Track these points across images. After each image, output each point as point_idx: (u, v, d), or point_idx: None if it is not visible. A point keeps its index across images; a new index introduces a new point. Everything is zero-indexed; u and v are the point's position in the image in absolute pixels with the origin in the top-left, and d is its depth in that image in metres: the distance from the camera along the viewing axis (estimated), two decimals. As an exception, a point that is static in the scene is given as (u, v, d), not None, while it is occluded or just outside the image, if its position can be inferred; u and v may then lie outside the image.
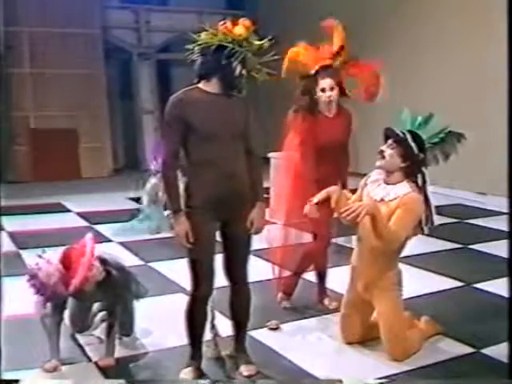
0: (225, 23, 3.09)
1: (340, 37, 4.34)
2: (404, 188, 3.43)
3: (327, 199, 3.62)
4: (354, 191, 3.83)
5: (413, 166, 3.45)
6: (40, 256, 3.32)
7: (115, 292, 3.50)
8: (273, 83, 3.37)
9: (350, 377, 3.34)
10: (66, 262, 3.28)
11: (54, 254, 3.34)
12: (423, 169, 3.49)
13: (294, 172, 4.28)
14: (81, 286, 3.24)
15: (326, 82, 4.12)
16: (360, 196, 3.66)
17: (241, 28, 3.08)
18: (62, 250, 3.36)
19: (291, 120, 4.23)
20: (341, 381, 3.31)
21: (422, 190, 3.46)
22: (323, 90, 4.13)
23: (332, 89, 4.13)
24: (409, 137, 3.45)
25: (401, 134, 3.45)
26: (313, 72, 4.18)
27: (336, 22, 4.47)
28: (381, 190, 3.51)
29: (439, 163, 3.61)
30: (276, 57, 3.20)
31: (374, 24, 9.77)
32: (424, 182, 3.48)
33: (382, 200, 3.46)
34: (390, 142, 3.47)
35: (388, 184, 3.49)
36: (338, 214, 3.62)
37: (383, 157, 3.46)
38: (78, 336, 3.82)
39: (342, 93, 4.21)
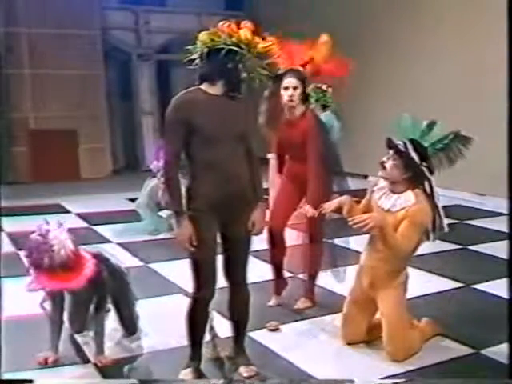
0: (229, 25, 3.05)
1: (321, 51, 4.44)
2: (410, 198, 3.42)
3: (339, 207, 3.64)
4: (352, 192, 3.85)
5: (415, 177, 3.44)
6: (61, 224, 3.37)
7: (104, 291, 3.54)
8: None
9: (361, 377, 3.34)
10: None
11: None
12: (429, 176, 3.47)
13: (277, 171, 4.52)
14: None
15: (289, 81, 4.11)
16: (368, 201, 3.66)
17: (247, 31, 3.05)
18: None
19: (264, 121, 4.27)
20: (352, 381, 3.31)
21: (430, 196, 3.46)
22: (286, 89, 4.10)
23: (295, 88, 4.10)
24: (410, 147, 3.42)
25: (402, 145, 3.43)
26: (280, 73, 4.14)
27: (327, 38, 4.59)
28: (387, 201, 3.50)
29: (444, 168, 3.59)
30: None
31: (372, 23, 9.77)
32: (431, 188, 3.47)
33: (388, 210, 3.46)
34: (391, 153, 3.46)
35: (394, 193, 3.49)
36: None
37: (384, 168, 3.46)
38: (76, 336, 3.82)
39: (306, 96, 4.20)
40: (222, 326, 3.65)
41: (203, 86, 3.13)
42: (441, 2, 8.71)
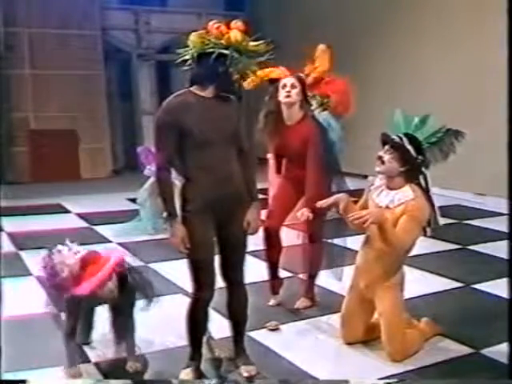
0: (219, 26, 3.03)
1: (322, 60, 4.47)
2: (407, 193, 3.42)
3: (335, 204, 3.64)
4: (351, 192, 3.84)
5: (413, 170, 3.46)
6: (67, 244, 3.30)
7: (128, 298, 3.44)
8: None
9: (356, 377, 3.34)
10: (85, 263, 3.26)
11: (80, 250, 3.32)
12: (424, 170, 3.49)
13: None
14: (86, 294, 3.21)
15: (287, 80, 4.09)
16: (365, 200, 3.66)
17: (237, 33, 3.02)
18: (87, 251, 3.34)
19: (263, 125, 4.25)
20: (347, 381, 3.31)
21: (426, 191, 3.46)
22: (284, 87, 4.08)
23: (293, 86, 4.07)
24: (405, 140, 3.44)
25: (397, 139, 3.45)
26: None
27: (324, 47, 4.61)
28: (385, 197, 3.50)
29: (438, 163, 3.60)
30: (271, 58, 3.19)
31: (372, 24, 9.76)
32: (426, 183, 3.48)
33: (386, 207, 3.47)
34: (387, 147, 3.47)
35: (391, 189, 3.49)
36: (346, 218, 3.59)
37: (382, 162, 3.47)
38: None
39: (306, 98, 4.17)
40: (221, 325, 3.64)
41: (193, 89, 3.12)
42: (441, 4, 8.70)
